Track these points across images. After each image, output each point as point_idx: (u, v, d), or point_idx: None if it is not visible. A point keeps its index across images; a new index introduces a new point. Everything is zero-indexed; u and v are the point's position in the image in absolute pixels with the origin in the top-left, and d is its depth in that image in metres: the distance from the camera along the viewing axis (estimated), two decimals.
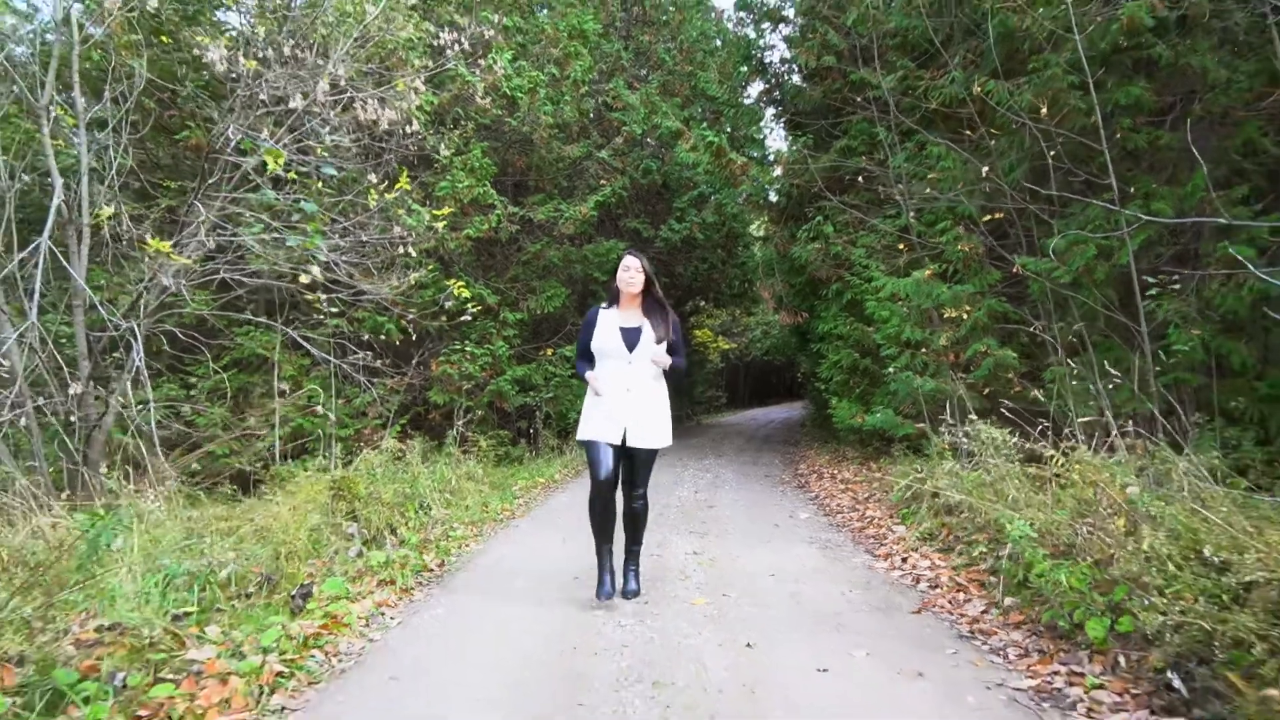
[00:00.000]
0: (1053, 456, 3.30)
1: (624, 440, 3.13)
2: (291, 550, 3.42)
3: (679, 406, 16.69)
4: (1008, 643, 2.67)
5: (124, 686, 2.10)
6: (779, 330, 17.27)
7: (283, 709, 2.22)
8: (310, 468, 5.04)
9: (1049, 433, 3.82)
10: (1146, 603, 2.21)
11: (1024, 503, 3.38)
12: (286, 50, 4.91)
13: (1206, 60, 4.33)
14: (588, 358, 3.30)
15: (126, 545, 2.93)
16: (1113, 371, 4.07)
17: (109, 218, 5.48)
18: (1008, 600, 2.99)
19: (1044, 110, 4.61)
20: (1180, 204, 4.58)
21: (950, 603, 3.16)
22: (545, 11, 9.93)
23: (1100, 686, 2.22)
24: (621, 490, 3.27)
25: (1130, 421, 4.03)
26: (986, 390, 5.42)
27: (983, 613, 2.99)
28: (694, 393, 17.79)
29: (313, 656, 2.57)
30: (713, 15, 13.15)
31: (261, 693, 2.25)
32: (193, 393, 6.50)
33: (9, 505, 3.71)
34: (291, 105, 4.67)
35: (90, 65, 6.04)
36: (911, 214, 6.40)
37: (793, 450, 10.27)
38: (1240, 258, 3.74)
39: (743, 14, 10.12)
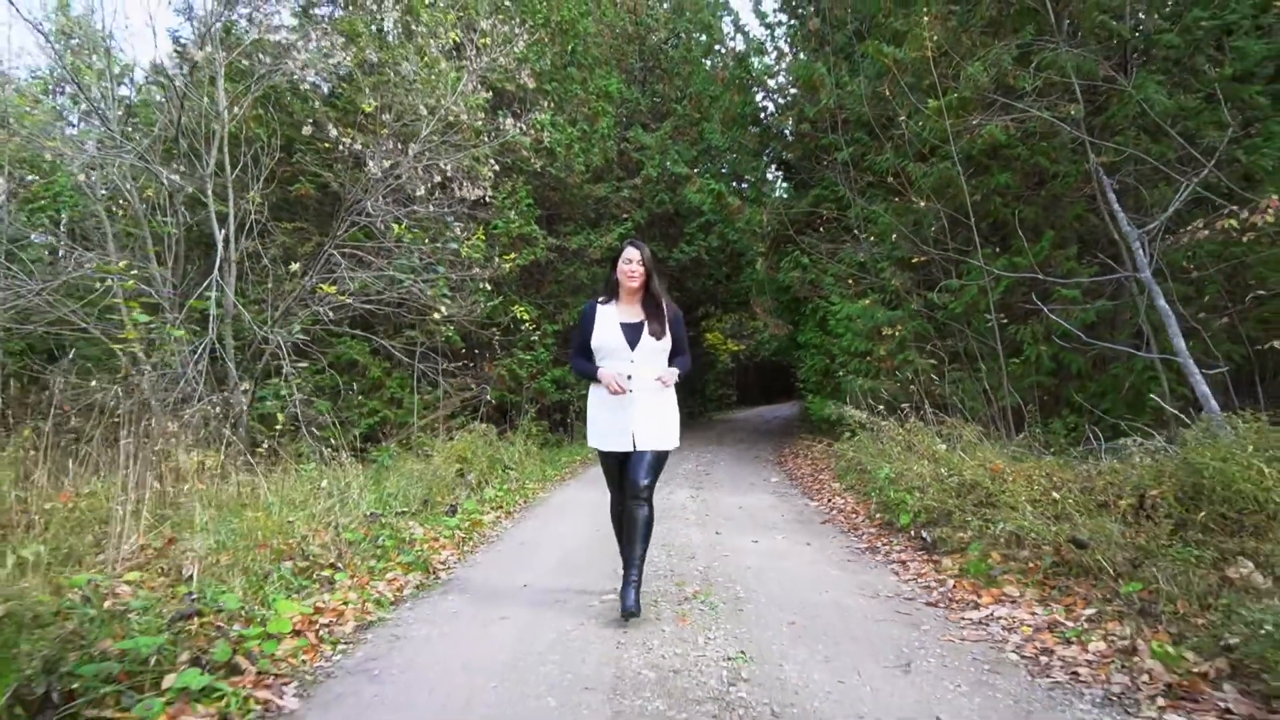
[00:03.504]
0: (897, 431, 5.28)
1: (632, 444, 2.97)
2: (436, 488, 5.48)
3: (693, 404, 18.65)
4: (866, 532, 4.66)
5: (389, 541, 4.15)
6: (781, 334, 19.13)
7: (471, 552, 4.28)
8: (407, 448, 7.11)
9: (929, 416, 5.82)
10: (919, 499, 4.21)
11: (897, 459, 5.35)
12: (410, 150, 6.98)
13: (1045, 160, 6.27)
14: (586, 356, 3.06)
15: (346, 479, 4.99)
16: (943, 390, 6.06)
17: (250, 254, 7.63)
18: (878, 515, 4.98)
19: (923, 200, 6.59)
20: (1036, 258, 6.52)
21: (845, 518, 5.16)
22: (573, 69, 11.90)
23: (897, 544, 4.21)
24: (624, 491, 3.03)
25: (1000, 412, 6.03)
26: (911, 388, 7.38)
27: (861, 521, 4.98)
28: (706, 391, 19.77)
29: (475, 536, 4.63)
30: (719, 67, 15.02)
31: (459, 546, 4.31)
32: (299, 389, 8.55)
33: (228, 462, 5.80)
34: (415, 194, 6.72)
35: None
36: (861, 254, 8.35)
37: (783, 440, 12.24)
38: (1045, 303, 5.70)
39: (741, 75, 12.01)
